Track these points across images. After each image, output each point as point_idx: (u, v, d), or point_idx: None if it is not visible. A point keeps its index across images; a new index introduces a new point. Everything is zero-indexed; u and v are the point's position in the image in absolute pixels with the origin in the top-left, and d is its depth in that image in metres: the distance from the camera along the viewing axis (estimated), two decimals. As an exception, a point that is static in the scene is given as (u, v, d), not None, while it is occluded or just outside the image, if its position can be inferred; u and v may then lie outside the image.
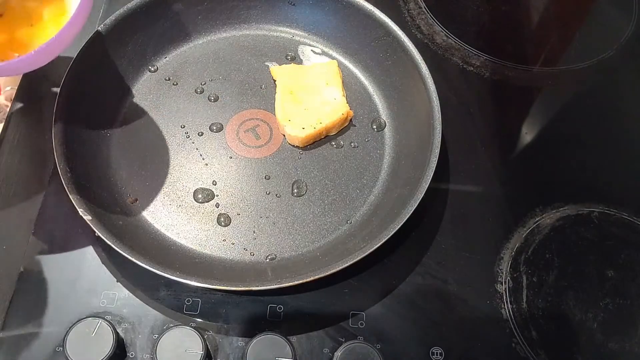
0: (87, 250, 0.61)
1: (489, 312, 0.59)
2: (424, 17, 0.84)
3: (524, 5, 0.90)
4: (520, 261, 0.62)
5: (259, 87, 0.74)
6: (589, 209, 0.66)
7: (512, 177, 0.70)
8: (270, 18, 0.78)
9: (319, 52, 0.77)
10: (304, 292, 0.59)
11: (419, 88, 0.67)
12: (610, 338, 0.58)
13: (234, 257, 0.61)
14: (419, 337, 0.57)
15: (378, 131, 0.71)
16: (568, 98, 0.78)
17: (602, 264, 0.63)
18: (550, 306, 0.60)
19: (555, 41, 0.85)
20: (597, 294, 0.61)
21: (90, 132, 0.67)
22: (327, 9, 0.75)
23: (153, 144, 0.68)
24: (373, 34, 0.73)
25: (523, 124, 0.75)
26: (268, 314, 0.58)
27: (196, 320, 0.57)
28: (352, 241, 0.61)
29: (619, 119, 0.76)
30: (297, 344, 0.56)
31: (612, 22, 0.86)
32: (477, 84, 0.78)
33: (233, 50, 0.77)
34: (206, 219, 0.63)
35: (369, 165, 0.68)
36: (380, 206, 0.64)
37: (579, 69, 0.80)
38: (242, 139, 0.69)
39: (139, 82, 0.73)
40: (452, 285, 0.61)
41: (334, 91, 0.71)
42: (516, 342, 0.58)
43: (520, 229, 0.65)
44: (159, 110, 0.71)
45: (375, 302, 0.59)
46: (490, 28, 0.86)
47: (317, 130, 0.67)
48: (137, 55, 0.73)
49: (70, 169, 0.60)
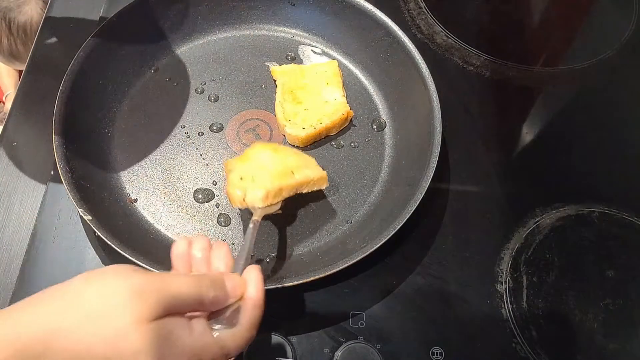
0: (87, 250, 0.61)
1: (489, 312, 0.59)
2: (424, 17, 0.84)
3: (524, 5, 0.90)
4: (521, 261, 0.62)
5: (259, 87, 0.74)
6: (589, 209, 0.66)
7: (512, 177, 0.70)
8: (270, 18, 0.78)
9: (319, 52, 0.77)
10: (304, 292, 0.59)
11: (419, 88, 0.67)
12: (610, 338, 0.58)
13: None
14: (419, 337, 0.57)
15: (378, 131, 0.71)
16: (568, 98, 0.78)
17: (602, 264, 0.63)
18: (550, 306, 0.60)
19: (555, 41, 0.85)
20: (597, 294, 0.61)
21: (91, 131, 0.67)
22: (327, 9, 0.75)
23: (153, 144, 0.68)
24: (373, 34, 0.73)
25: (523, 124, 0.75)
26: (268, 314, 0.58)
27: (196, 320, 0.57)
28: (352, 241, 0.61)
29: (619, 119, 0.76)
30: (297, 344, 0.56)
31: (612, 22, 0.86)
32: (477, 84, 0.78)
33: (233, 51, 0.77)
34: (206, 219, 0.63)
35: (369, 166, 0.68)
36: (381, 206, 0.64)
37: (579, 69, 0.80)
38: (243, 139, 0.69)
39: (140, 82, 0.73)
40: (452, 285, 0.61)
41: (334, 91, 0.71)
42: (516, 342, 0.58)
43: (521, 229, 0.65)
44: (159, 110, 0.71)
45: (376, 302, 0.59)
46: (491, 28, 0.86)
47: (317, 130, 0.67)
48: (137, 56, 0.73)
49: (70, 169, 0.60)
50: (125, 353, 0.35)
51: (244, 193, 0.55)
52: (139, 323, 0.35)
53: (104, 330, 0.35)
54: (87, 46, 0.67)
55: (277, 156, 0.59)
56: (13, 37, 1.17)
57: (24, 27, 1.16)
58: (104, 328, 0.35)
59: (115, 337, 0.35)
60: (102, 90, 0.69)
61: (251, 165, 0.58)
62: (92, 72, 0.67)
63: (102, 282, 0.37)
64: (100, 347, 0.35)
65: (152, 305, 0.36)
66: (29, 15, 1.16)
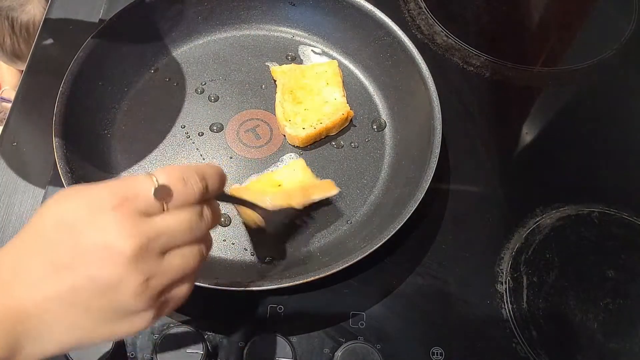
0: (88, 250, 0.61)
1: (489, 312, 0.59)
2: (424, 17, 0.84)
3: (524, 5, 0.90)
4: (521, 261, 0.62)
5: (259, 87, 0.74)
6: (589, 209, 0.66)
7: (513, 177, 0.70)
8: (270, 18, 0.78)
9: (319, 52, 0.77)
10: (304, 292, 0.59)
11: (419, 88, 0.67)
12: (611, 338, 0.58)
13: (234, 257, 0.61)
14: (419, 337, 0.57)
15: (378, 131, 0.71)
16: (568, 98, 0.78)
17: (602, 264, 0.63)
18: (550, 306, 0.60)
19: (555, 41, 0.85)
20: (597, 294, 0.61)
21: (90, 132, 0.67)
22: (327, 9, 0.75)
23: (153, 145, 0.68)
24: (373, 34, 0.73)
25: (523, 124, 0.75)
26: (268, 314, 0.58)
27: (197, 321, 0.57)
28: (352, 241, 0.61)
29: (619, 119, 0.76)
30: (297, 344, 0.56)
31: (612, 22, 0.86)
32: (477, 84, 0.78)
33: (233, 51, 0.77)
34: (206, 219, 0.63)
35: (369, 166, 0.68)
36: (381, 206, 0.64)
37: (579, 69, 0.80)
38: (243, 139, 0.69)
39: (140, 82, 0.73)
40: (453, 286, 0.61)
41: (334, 91, 0.71)
42: (516, 342, 0.58)
43: (521, 229, 0.65)
44: (160, 111, 0.71)
45: (376, 302, 0.59)
46: (491, 28, 0.86)
47: (317, 130, 0.67)
48: (137, 56, 0.73)
49: (70, 169, 0.60)
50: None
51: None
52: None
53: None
54: (87, 47, 0.67)
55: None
56: (16, 37, 1.17)
57: (26, 26, 1.16)
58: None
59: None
60: (102, 91, 0.69)
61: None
62: (92, 72, 0.67)
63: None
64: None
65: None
66: (32, 14, 1.16)
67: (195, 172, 0.39)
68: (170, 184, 0.37)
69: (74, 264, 0.34)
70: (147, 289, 0.36)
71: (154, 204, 0.37)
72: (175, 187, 0.37)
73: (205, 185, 0.39)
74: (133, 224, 0.35)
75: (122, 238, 0.34)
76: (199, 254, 0.40)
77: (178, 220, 0.37)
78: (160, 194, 0.37)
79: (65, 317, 0.35)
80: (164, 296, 0.38)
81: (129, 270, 0.35)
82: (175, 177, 0.37)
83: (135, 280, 0.35)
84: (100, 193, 0.36)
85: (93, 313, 0.35)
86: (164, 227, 0.37)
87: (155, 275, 0.36)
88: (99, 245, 0.34)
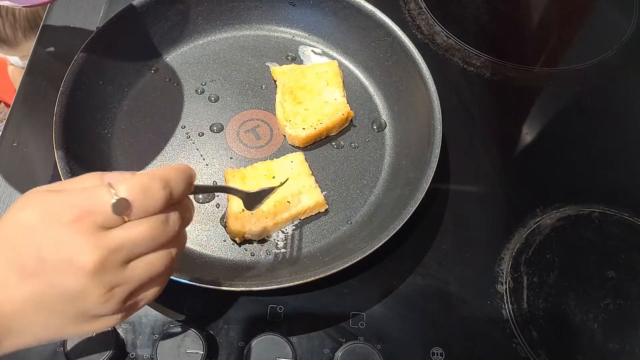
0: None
1: (490, 312, 0.59)
2: (425, 17, 0.84)
3: (524, 5, 0.90)
4: (521, 261, 0.62)
5: (259, 87, 0.74)
6: (589, 209, 0.66)
7: (513, 177, 0.70)
8: (270, 18, 0.78)
9: (319, 52, 0.77)
10: (304, 292, 0.59)
11: (419, 88, 0.67)
12: (611, 338, 0.58)
13: (234, 257, 0.61)
14: (419, 338, 0.57)
15: (378, 131, 0.71)
16: (568, 98, 0.78)
17: (602, 265, 0.63)
18: (550, 306, 0.60)
19: (555, 41, 0.85)
20: (597, 294, 0.61)
21: (90, 132, 0.67)
22: (327, 9, 0.75)
23: (153, 144, 0.68)
24: (373, 35, 0.73)
25: (523, 124, 0.75)
26: (268, 314, 0.58)
27: (197, 321, 0.57)
28: (352, 241, 0.61)
29: (619, 119, 0.76)
30: (298, 344, 0.56)
31: (612, 22, 0.86)
32: (477, 84, 0.78)
33: (233, 51, 0.77)
34: (207, 219, 0.63)
35: (369, 166, 0.68)
36: (381, 206, 0.64)
37: (580, 69, 0.80)
38: (243, 140, 0.69)
39: (140, 82, 0.73)
40: (453, 286, 0.61)
41: (334, 91, 0.71)
42: (516, 342, 0.58)
43: (521, 229, 0.65)
44: (160, 111, 0.71)
45: (376, 302, 0.59)
46: (491, 28, 0.86)
47: (318, 130, 0.67)
48: (137, 56, 0.73)
49: (71, 169, 0.60)
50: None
51: (243, 229, 0.60)
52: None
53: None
54: (87, 47, 0.67)
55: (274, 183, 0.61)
56: (2, 20, 1.14)
57: (12, 9, 1.13)
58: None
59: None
60: (102, 91, 0.69)
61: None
62: (92, 72, 0.67)
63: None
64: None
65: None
66: None
67: (159, 179, 0.38)
68: (130, 197, 0.36)
69: (37, 272, 0.35)
70: (112, 297, 0.36)
71: (112, 218, 0.36)
72: (135, 199, 0.36)
73: (169, 192, 0.38)
74: (91, 239, 0.35)
75: (82, 253, 0.35)
76: (167, 258, 0.39)
77: (139, 231, 0.37)
78: (119, 208, 0.36)
79: (37, 317, 0.36)
80: (131, 300, 0.38)
81: (92, 282, 0.35)
82: (136, 188, 0.36)
83: (99, 291, 0.35)
84: (56, 206, 0.36)
85: (61, 316, 0.36)
86: (124, 239, 0.36)
87: (119, 284, 0.36)
88: (61, 259, 0.35)
